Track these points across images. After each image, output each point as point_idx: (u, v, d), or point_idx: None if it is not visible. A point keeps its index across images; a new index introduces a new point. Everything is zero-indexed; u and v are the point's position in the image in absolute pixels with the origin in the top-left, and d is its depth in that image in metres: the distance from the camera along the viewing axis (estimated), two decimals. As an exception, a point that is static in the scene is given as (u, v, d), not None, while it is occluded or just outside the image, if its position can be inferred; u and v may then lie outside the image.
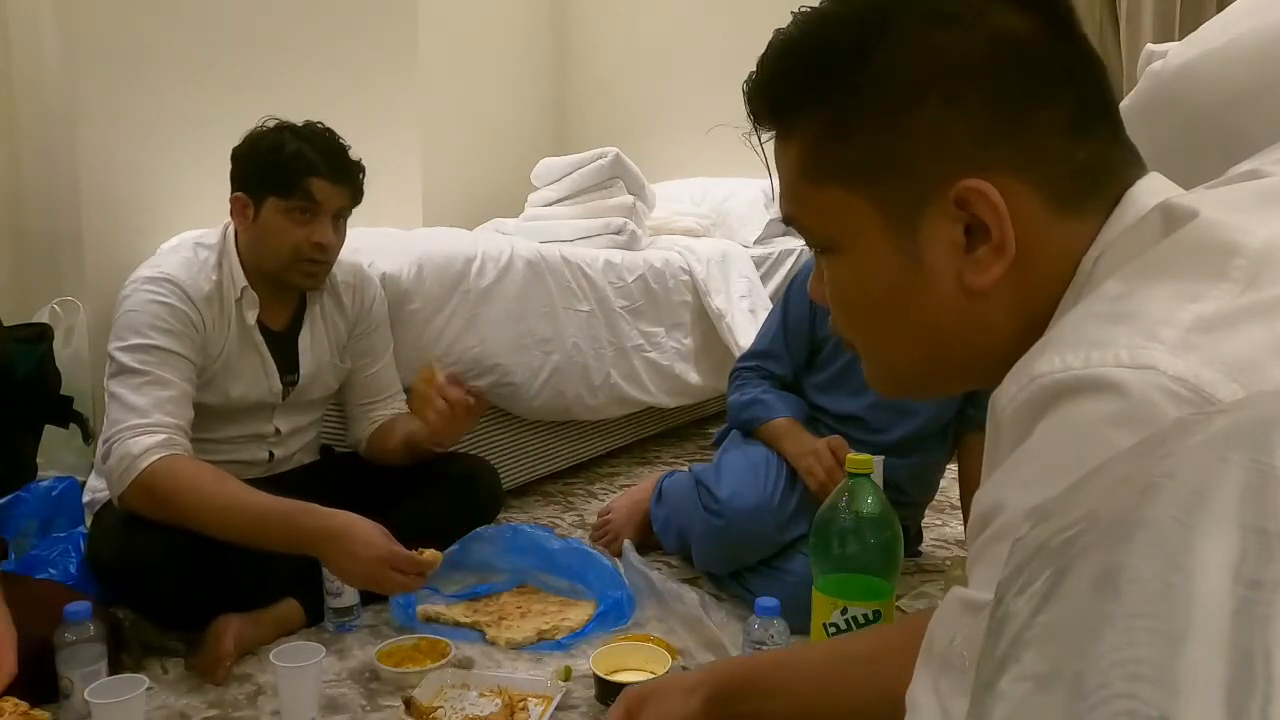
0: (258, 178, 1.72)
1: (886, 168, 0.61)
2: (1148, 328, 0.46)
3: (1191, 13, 3.09)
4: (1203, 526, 0.31)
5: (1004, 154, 0.58)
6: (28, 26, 2.50)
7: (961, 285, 0.60)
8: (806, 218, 0.67)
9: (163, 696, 1.49)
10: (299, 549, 1.53)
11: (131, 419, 1.57)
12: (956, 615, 0.52)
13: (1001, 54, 0.58)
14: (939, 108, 0.59)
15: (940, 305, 0.62)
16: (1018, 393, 0.50)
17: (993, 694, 0.34)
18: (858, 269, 0.65)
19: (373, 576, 1.51)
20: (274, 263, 1.74)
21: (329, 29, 3.02)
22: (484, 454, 2.28)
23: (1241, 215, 0.50)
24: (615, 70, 4.35)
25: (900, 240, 0.62)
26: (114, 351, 1.63)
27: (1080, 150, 0.59)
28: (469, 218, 3.48)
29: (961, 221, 0.59)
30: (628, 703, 0.92)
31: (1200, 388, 0.43)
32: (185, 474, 1.55)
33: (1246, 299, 0.46)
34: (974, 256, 0.59)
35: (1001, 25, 0.59)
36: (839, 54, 0.61)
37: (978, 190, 0.58)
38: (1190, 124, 1.08)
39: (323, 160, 1.70)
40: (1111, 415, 0.45)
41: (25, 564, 1.72)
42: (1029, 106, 0.58)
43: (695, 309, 2.99)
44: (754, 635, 1.45)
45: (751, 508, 1.79)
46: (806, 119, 0.64)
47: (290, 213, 1.70)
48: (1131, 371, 0.45)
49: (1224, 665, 0.28)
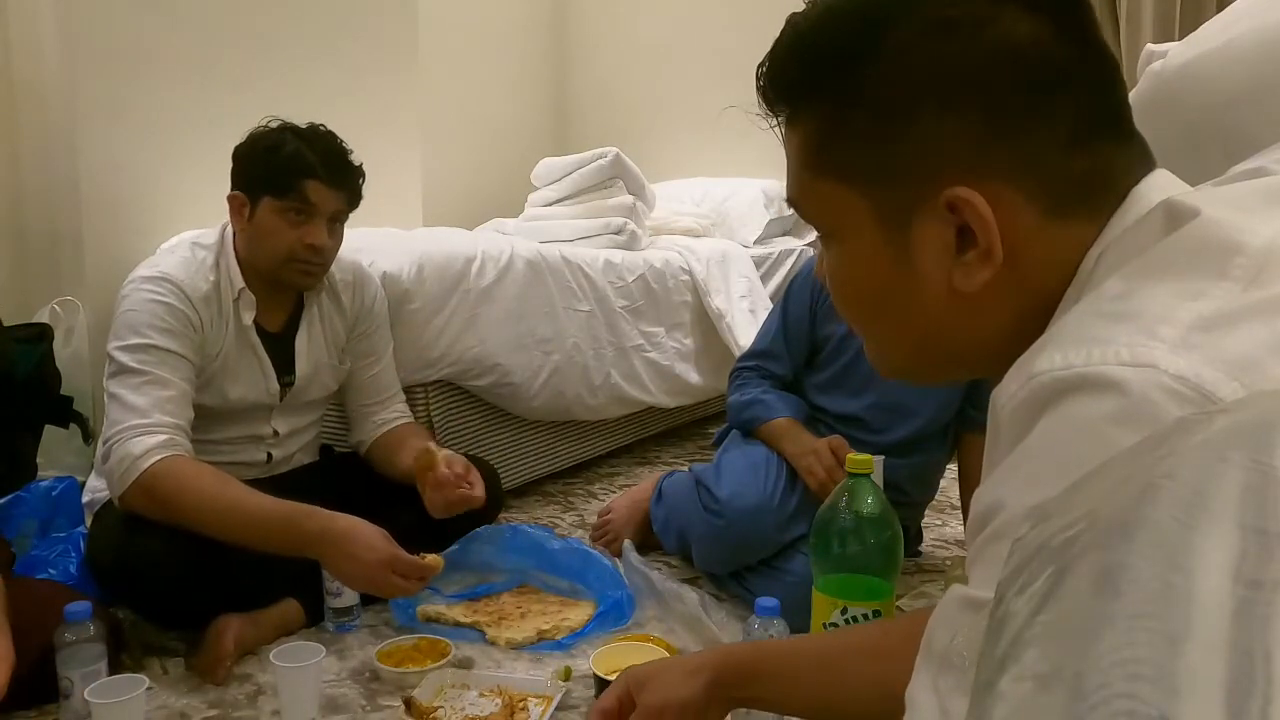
0: (255, 177, 1.72)
1: (881, 169, 0.62)
2: (1148, 326, 0.46)
3: (1191, 13, 3.09)
4: (1203, 526, 0.31)
5: (998, 164, 0.59)
6: (28, 26, 2.50)
7: (950, 287, 0.61)
8: (807, 204, 0.68)
9: (163, 696, 1.49)
10: (300, 551, 1.53)
11: (132, 419, 1.57)
12: (956, 614, 0.52)
13: (1001, 66, 0.58)
14: (934, 116, 0.59)
15: (930, 303, 0.62)
16: (1018, 390, 0.50)
17: (993, 694, 0.34)
18: (852, 261, 0.66)
19: (374, 580, 1.51)
20: (269, 262, 1.73)
21: (329, 29, 3.02)
22: (484, 454, 2.29)
23: (1244, 214, 0.50)
24: (615, 70, 4.35)
25: (892, 239, 0.62)
26: (113, 351, 1.63)
27: (1078, 160, 0.59)
28: (469, 218, 3.48)
29: (953, 225, 0.60)
30: (627, 682, 0.91)
31: (1201, 386, 0.43)
32: (186, 475, 1.55)
33: (1248, 298, 0.46)
34: (963, 260, 0.60)
35: (1005, 35, 0.58)
36: (842, 52, 0.62)
37: (965, 199, 0.58)
38: (1190, 124, 1.08)
39: (320, 163, 1.70)
40: (1112, 413, 0.45)
41: (25, 564, 1.72)
42: (1025, 120, 0.58)
43: (695, 309, 2.99)
44: (754, 635, 1.45)
45: (752, 508, 1.79)
46: (809, 111, 0.65)
47: (285, 213, 1.70)
48: (1132, 370, 0.45)
49: (1224, 665, 0.28)
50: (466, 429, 2.35)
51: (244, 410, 1.79)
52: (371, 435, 1.94)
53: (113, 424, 1.59)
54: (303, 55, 2.93)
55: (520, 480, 2.51)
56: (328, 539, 1.51)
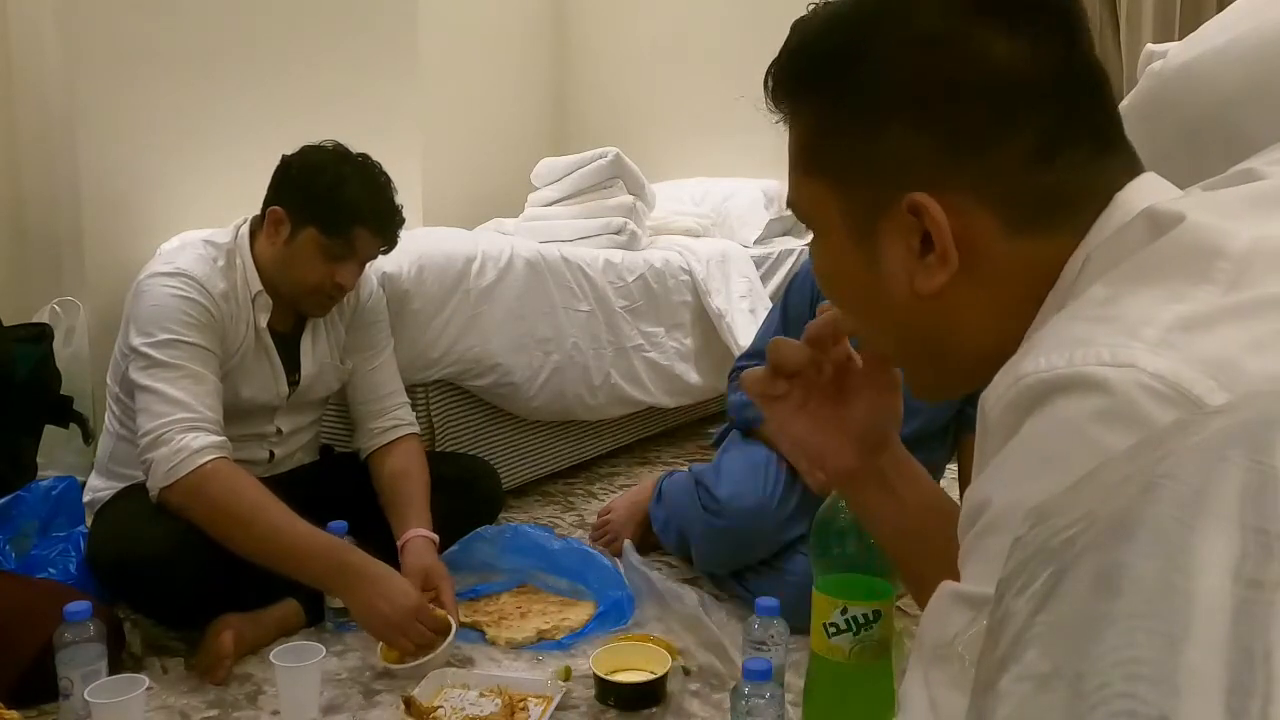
0: (307, 205, 1.70)
1: (855, 171, 0.65)
2: (1129, 328, 0.47)
3: (1191, 13, 3.10)
4: (1203, 526, 0.31)
5: (959, 175, 0.61)
6: (28, 26, 2.50)
7: (913, 288, 0.64)
8: (800, 203, 0.71)
9: (163, 696, 1.49)
10: (330, 583, 1.57)
11: (178, 412, 1.56)
12: (947, 608, 0.53)
13: (970, 84, 0.61)
14: (906, 124, 0.62)
15: (898, 304, 0.65)
16: (1005, 392, 0.51)
17: (993, 694, 0.34)
18: (832, 257, 0.70)
19: (402, 625, 1.52)
20: (294, 288, 1.73)
21: (329, 29, 3.02)
22: (484, 454, 2.29)
23: (1229, 219, 0.51)
24: (615, 70, 4.35)
25: (863, 240, 0.66)
26: (141, 347, 1.61)
27: (1047, 176, 0.61)
28: (469, 218, 3.48)
29: (917, 230, 0.62)
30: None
31: (1179, 384, 0.44)
32: (236, 483, 1.55)
33: (1227, 300, 0.47)
34: (924, 263, 0.63)
35: (979, 53, 0.60)
36: (834, 54, 0.65)
37: (923, 204, 0.61)
38: (1191, 124, 1.08)
39: (372, 212, 1.71)
40: (1095, 412, 0.46)
41: (25, 564, 1.72)
42: (992, 137, 0.61)
43: (695, 309, 2.99)
44: (754, 635, 1.45)
45: (751, 508, 1.79)
46: (806, 108, 0.68)
47: (326, 249, 1.69)
48: (1113, 369, 0.46)
49: (1224, 665, 0.28)
50: (466, 429, 2.35)
51: (251, 409, 1.79)
52: (370, 445, 1.91)
53: (156, 415, 1.56)
54: (303, 56, 2.93)
55: (520, 480, 2.51)
56: (366, 577, 1.53)
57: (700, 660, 1.59)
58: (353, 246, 1.71)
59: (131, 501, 1.63)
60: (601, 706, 1.47)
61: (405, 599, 1.53)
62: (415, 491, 1.82)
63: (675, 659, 1.56)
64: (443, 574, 1.70)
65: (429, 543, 1.74)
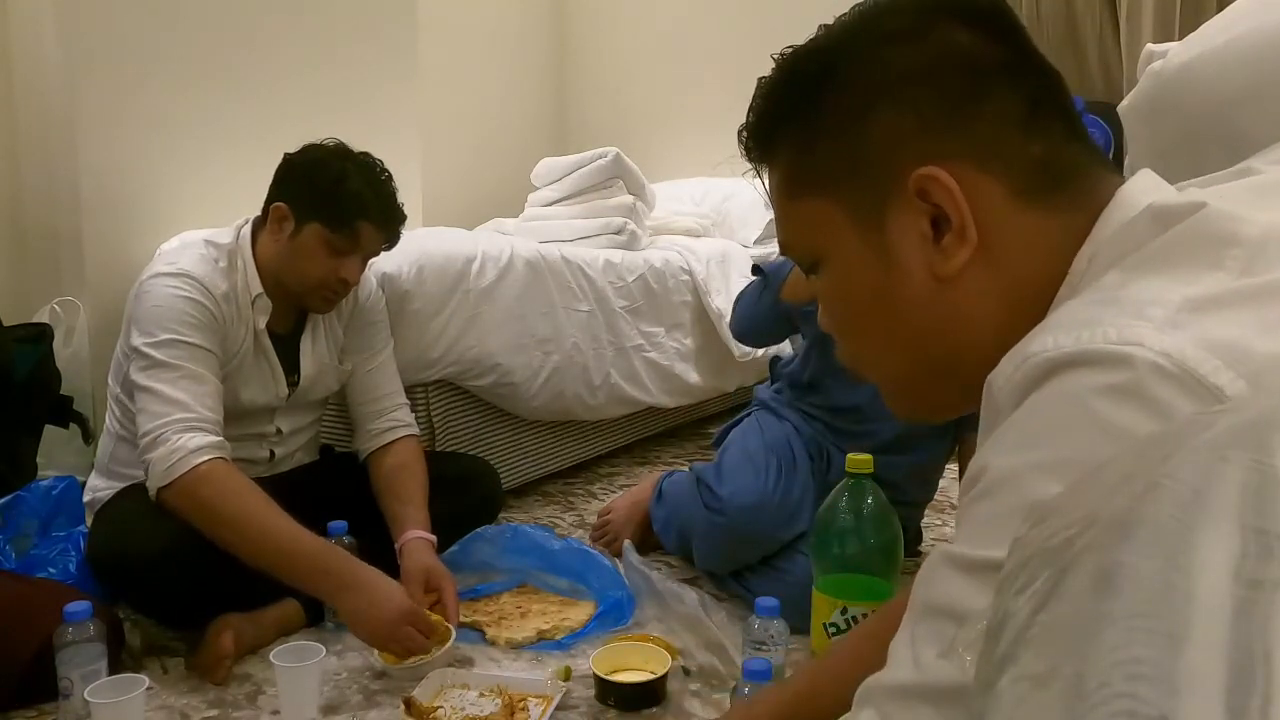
0: (311, 201, 1.70)
1: (850, 169, 0.65)
2: (1137, 309, 0.48)
3: (1191, 13, 3.09)
4: (1203, 526, 0.32)
5: (959, 145, 0.62)
6: (28, 27, 2.50)
7: (932, 275, 0.63)
8: (793, 237, 0.72)
9: (163, 696, 1.49)
10: (323, 589, 1.56)
11: (177, 413, 1.56)
12: (938, 568, 0.54)
13: (945, 59, 0.63)
14: (891, 109, 0.63)
15: (917, 299, 0.64)
16: (1013, 372, 0.52)
17: (993, 694, 0.34)
18: (840, 275, 0.69)
19: (392, 630, 1.51)
20: (298, 283, 1.73)
21: (329, 30, 3.02)
22: (484, 454, 2.29)
23: (1241, 207, 0.51)
24: (615, 70, 4.35)
25: (870, 237, 0.65)
26: (142, 346, 1.61)
27: (1035, 144, 0.62)
28: (469, 218, 3.48)
29: (926, 214, 0.62)
30: None
31: (1185, 363, 0.44)
32: (232, 484, 1.54)
33: (1238, 284, 0.47)
34: (940, 245, 0.62)
35: (950, 38, 0.63)
36: (806, 78, 0.67)
37: (932, 176, 0.61)
38: (1191, 124, 1.09)
39: (376, 206, 1.72)
40: (1099, 387, 0.46)
41: (25, 564, 1.72)
42: (975, 99, 0.62)
43: (695, 309, 2.99)
44: (754, 635, 1.45)
45: (753, 505, 1.78)
46: (783, 142, 0.69)
47: (330, 244, 1.70)
48: (1120, 347, 0.46)
49: (1224, 665, 0.28)
50: (466, 429, 2.35)
51: (251, 410, 1.79)
52: (369, 446, 1.91)
53: (154, 415, 1.56)
54: (303, 56, 2.93)
55: (520, 480, 2.51)
56: (355, 582, 1.52)
57: (700, 660, 1.59)
58: (357, 240, 1.71)
59: (132, 501, 1.62)
60: (601, 706, 1.47)
61: (393, 604, 1.51)
62: (413, 492, 1.82)
63: (675, 659, 1.56)
64: (444, 574, 1.70)
65: (428, 544, 1.74)
